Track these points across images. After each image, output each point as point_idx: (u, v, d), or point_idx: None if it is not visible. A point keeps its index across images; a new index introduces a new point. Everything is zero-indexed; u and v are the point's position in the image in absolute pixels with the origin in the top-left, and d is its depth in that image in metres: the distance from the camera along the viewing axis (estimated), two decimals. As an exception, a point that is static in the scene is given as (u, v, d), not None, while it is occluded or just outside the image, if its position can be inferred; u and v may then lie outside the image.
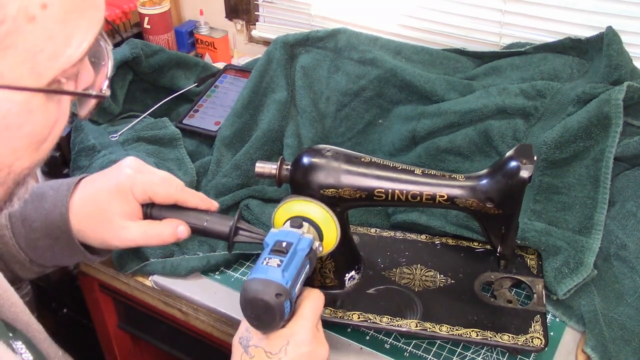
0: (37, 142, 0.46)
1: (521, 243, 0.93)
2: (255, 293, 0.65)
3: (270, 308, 0.64)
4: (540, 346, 0.80)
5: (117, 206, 0.72)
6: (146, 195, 0.73)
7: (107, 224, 0.72)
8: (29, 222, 0.72)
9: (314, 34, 1.23)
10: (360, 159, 0.79)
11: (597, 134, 0.99)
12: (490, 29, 1.27)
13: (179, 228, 0.74)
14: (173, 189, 0.75)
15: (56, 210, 0.72)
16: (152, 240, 0.73)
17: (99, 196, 0.73)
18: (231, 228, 0.74)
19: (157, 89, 1.30)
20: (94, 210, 0.72)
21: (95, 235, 0.73)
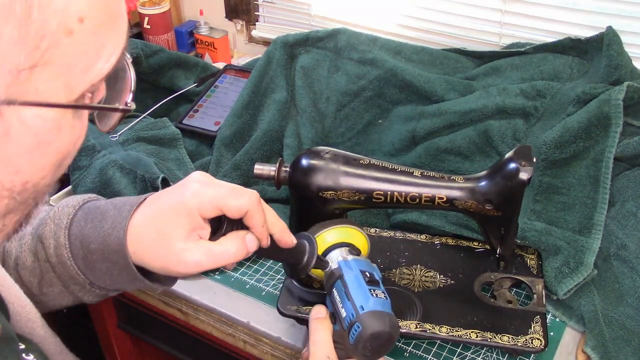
0: (62, 159, 0.45)
1: (521, 243, 0.93)
2: (381, 327, 0.66)
3: (392, 338, 0.67)
4: (540, 347, 0.80)
5: (180, 227, 0.63)
6: (217, 209, 0.64)
7: (168, 248, 0.63)
8: (87, 243, 0.66)
9: (314, 34, 1.23)
10: (359, 160, 0.79)
11: (597, 134, 0.99)
12: (490, 29, 1.27)
13: (247, 237, 0.65)
14: (246, 202, 0.65)
15: (114, 233, 0.65)
16: (220, 259, 0.64)
17: (160, 216, 0.65)
18: (311, 253, 0.70)
19: (157, 89, 1.30)
20: (154, 233, 0.64)
21: (156, 261, 0.64)
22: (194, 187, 0.64)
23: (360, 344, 0.66)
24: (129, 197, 0.70)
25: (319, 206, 0.80)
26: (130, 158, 1.05)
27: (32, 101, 0.39)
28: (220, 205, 0.64)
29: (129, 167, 1.03)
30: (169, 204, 0.64)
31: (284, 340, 0.87)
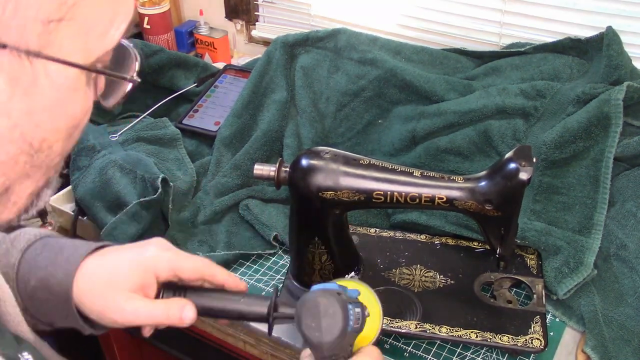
0: (74, 127, 0.46)
1: (521, 243, 0.93)
2: (314, 296, 0.61)
3: (334, 305, 0.60)
4: (540, 347, 0.80)
5: (131, 280, 0.65)
6: (172, 272, 0.67)
7: (112, 295, 0.64)
8: (36, 269, 0.66)
9: (314, 34, 1.23)
10: (358, 161, 0.79)
11: (597, 134, 0.99)
12: (490, 29, 1.27)
13: (185, 308, 0.65)
14: (200, 263, 0.68)
15: (66, 266, 0.65)
16: (156, 319, 0.65)
17: (116, 264, 0.67)
18: (269, 307, 0.67)
19: (157, 89, 1.30)
20: (104, 278, 0.65)
21: (95, 305, 0.65)
22: (153, 249, 0.68)
23: (302, 324, 0.61)
24: (89, 242, 0.70)
25: (318, 206, 0.80)
26: (130, 158, 1.05)
27: (57, 57, 0.41)
28: (176, 267, 0.67)
29: (129, 167, 1.03)
30: (127, 258, 0.67)
31: (284, 341, 0.87)
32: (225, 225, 1.04)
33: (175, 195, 1.02)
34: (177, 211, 1.03)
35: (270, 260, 0.99)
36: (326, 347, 0.60)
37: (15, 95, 0.41)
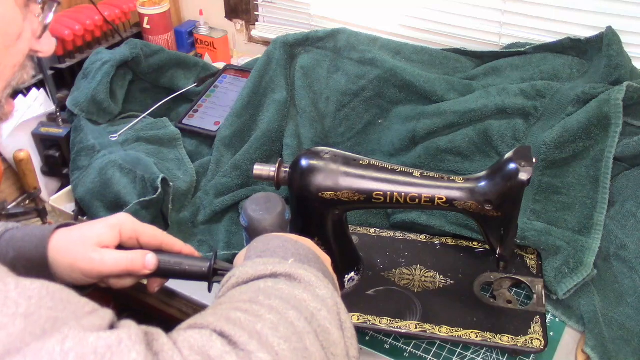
0: (7, 37, 0.51)
1: (521, 243, 0.93)
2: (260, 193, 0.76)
3: (275, 197, 0.74)
4: (540, 347, 0.80)
5: (98, 233, 0.72)
6: (134, 233, 0.74)
7: (82, 247, 0.71)
8: (12, 243, 0.72)
9: (314, 34, 1.23)
10: (358, 161, 0.79)
11: (597, 134, 0.99)
12: (490, 29, 1.27)
13: (147, 255, 0.73)
14: (159, 232, 0.76)
15: (40, 235, 0.72)
16: (121, 264, 0.72)
17: (84, 226, 0.74)
18: (209, 269, 0.74)
19: (157, 89, 1.30)
20: (76, 236, 0.72)
21: (65, 258, 0.71)
22: (120, 215, 0.75)
23: None
24: None
25: (318, 206, 0.80)
26: (130, 158, 1.05)
27: None
28: (138, 229, 0.74)
29: (128, 167, 1.03)
30: (96, 222, 0.74)
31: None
32: (225, 225, 1.04)
33: (175, 195, 1.02)
34: (177, 211, 1.03)
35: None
36: (268, 223, 0.71)
37: None
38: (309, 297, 0.54)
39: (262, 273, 0.58)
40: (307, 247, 0.65)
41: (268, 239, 0.65)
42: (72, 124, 1.16)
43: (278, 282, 0.56)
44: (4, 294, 0.40)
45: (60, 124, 1.16)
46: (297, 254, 0.63)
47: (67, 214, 1.05)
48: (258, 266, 0.58)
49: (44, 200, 1.09)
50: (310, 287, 0.56)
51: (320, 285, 0.57)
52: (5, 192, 1.11)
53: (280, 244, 0.64)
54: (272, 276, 0.58)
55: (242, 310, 0.50)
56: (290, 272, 0.57)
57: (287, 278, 0.57)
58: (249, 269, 0.58)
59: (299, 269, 0.58)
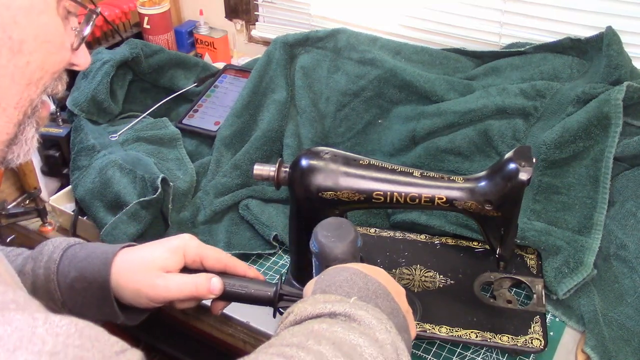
0: (49, 42, 0.53)
1: (521, 242, 0.93)
2: (329, 219, 0.72)
3: (346, 223, 0.71)
4: (540, 347, 0.80)
5: (162, 258, 0.72)
6: (198, 257, 0.74)
7: (145, 272, 0.71)
8: (75, 263, 0.73)
9: (314, 34, 1.23)
10: (358, 161, 0.79)
11: (597, 134, 0.99)
12: (490, 29, 1.27)
13: (212, 279, 0.73)
14: (224, 255, 0.76)
15: (102, 256, 0.72)
16: (186, 290, 0.72)
17: (147, 248, 0.74)
18: (275, 294, 0.74)
19: (157, 89, 1.30)
20: (139, 260, 0.72)
21: (129, 283, 0.71)
22: (183, 236, 0.76)
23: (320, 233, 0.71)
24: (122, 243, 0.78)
25: (318, 206, 0.80)
26: (130, 158, 1.05)
27: None
28: (202, 253, 0.75)
29: (128, 167, 1.03)
30: (159, 244, 0.74)
31: (283, 341, 0.86)
32: (225, 225, 1.04)
33: (175, 195, 1.02)
34: (177, 211, 1.03)
35: (270, 260, 0.99)
36: (340, 251, 0.69)
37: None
38: (365, 342, 0.51)
39: (320, 312, 0.56)
40: (376, 281, 0.62)
41: (336, 271, 0.63)
42: (72, 123, 1.16)
43: (334, 324, 0.53)
44: (31, 329, 0.40)
45: (60, 123, 1.16)
46: (364, 288, 0.60)
47: (67, 213, 1.05)
48: (318, 304, 0.56)
49: (44, 200, 1.09)
50: (370, 330, 0.53)
51: (381, 329, 0.54)
52: (5, 192, 1.11)
53: (348, 277, 0.61)
54: (330, 315, 0.55)
55: (286, 357, 0.48)
56: (349, 313, 0.55)
57: (345, 319, 0.55)
58: (308, 306, 0.56)
59: (360, 309, 0.55)
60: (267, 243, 1.00)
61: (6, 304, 0.41)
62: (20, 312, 0.40)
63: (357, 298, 0.58)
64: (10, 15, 0.50)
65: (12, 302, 0.41)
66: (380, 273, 0.65)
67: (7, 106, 0.52)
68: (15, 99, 0.53)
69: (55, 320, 0.41)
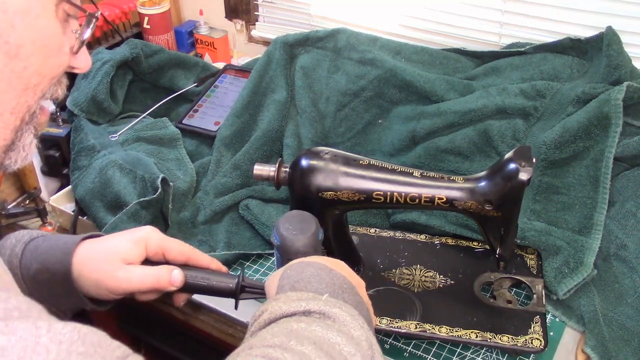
0: (47, 47, 0.53)
1: (521, 243, 0.93)
2: (293, 212, 0.74)
3: (309, 217, 0.73)
4: (540, 347, 0.80)
5: (124, 249, 0.72)
6: (160, 249, 0.74)
7: (106, 263, 0.71)
8: (36, 256, 0.72)
9: (314, 34, 1.23)
10: (358, 161, 0.79)
11: (597, 134, 0.99)
12: (490, 29, 1.27)
13: (173, 272, 0.72)
14: (186, 247, 0.76)
15: (63, 247, 0.72)
16: (147, 282, 0.71)
17: (109, 240, 0.74)
18: (237, 285, 0.74)
19: (157, 89, 1.30)
20: (101, 251, 0.72)
21: (90, 273, 0.71)
22: (145, 228, 0.75)
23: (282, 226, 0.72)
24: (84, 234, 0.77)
25: (318, 206, 0.80)
26: (130, 158, 1.05)
27: None
28: (165, 245, 0.74)
29: (128, 167, 1.03)
30: (121, 236, 0.74)
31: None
32: (225, 225, 1.04)
33: (175, 195, 1.02)
34: (177, 211, 1.03)
35: (270, 260, 0.99)
36: (301, 244, 0.70)
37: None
38: (342, 340, 0.52)
39: (295, 310, 0.56)
40: (341, 275, 0.63)
41: (302, 267, 0.64)
42: (72, 123, 1.16)
43: (312, 323, 0.54)
44: (35, 338, 0.40)
45: (60, 123, 1.16)
46: (331, 284, 0.61)
47: (67, 213, 1.05)
48: (291, 302, 0.57)
49: (44, 200, 1.09)
50: (345, 328, 0.54)
51: (355, 326, 0.55)
52: (5, 192, 1.11)
53: (315, 272, 0.62)
54: (305, 313, 0.56)
55: (270, 359, 0.49)
56: (324, 310, 0.56)
57: (320, 316, 0.56)
58: (282, 304, 0.57)
59: (334, 307, 0.56)
60: (267, 243, 1.00)
61: (9, 312, 0.41)
62: (23, 321, 0.40)
63: (328, 295, 0.59)
64: (6, 19, 0.49)
65: (15, 309, 0.41)
66: (341, 265, 0.66)
67: (3, 111, 0.52)
68: (12, 104, 0.52)
69: (58, 328, 0.41)
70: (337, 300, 0.58)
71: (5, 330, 0.39)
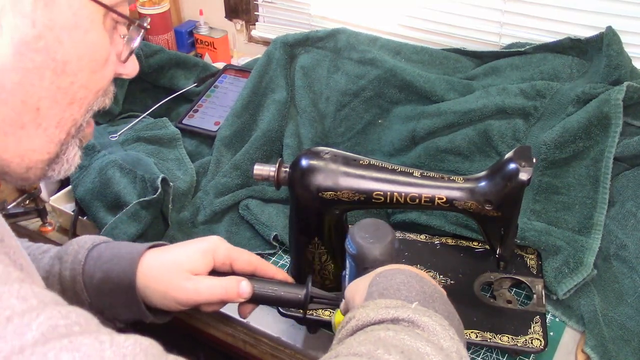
0: (95, 61, 0.52)
1: (521, 243, 0.93)
2: (367, 220, 0.73)
3: (384, 225, 0.72)
4: (540, 347, 0.80)
5: (191, 260, 0.71)
6: (228, 260, 0.73)
7: (175, 274, 0.70)
8: (100, 264, 0.71)
9: (314, 34, 1.23)
10: (358, 161, 0.79)
11: (597, 134, 0.99)
12: (490, 29, 1.27)
13: (241, 283, 0.72)
14: (254, 257, 0.75)
15: (128, 257, 0.71)
16: (216, 293, 0.70)
17: (175, 250, 0.73)
18: (305, 296, 0.74)
19: (157, 89, 1.30)
20: (167, 262, 0.71)
21: (157, 285, 0.70)
22: (213, 238, 0.74)
23: (358, 235, 0.71)
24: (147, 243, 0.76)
25: (318, 206, 0.80)
26: (130, 158, 1.05)
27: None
28: (232, 255, 0.74)
29: (128, 167, 1.03)
30: (187, 246, 0.73)
31: (283, 341, 0.87)
32: (225, 225, 1.04)
33: (175, 195, 1.02)
34: (177, 211, 1.03)
35: (270, 260, 0.99)
36: (378, 252, 0.69)
37: (38, 7, 0.47)
38: (432, 351, 0.50)
39: (383, 317, 0.54)
40: (432, 284, 0.61)
41: (391, 274, 0.61)
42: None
43: (400, 331, 0.52)
44: (99, 353, 0.39)
45: (60, 124, 1.16)
46: (421, 292, 0.59)
47: (67, 213, 1.05)
48: (379, 309, 0.55)
49: (44, 200, 1.09)
50: (434, 338, 0.52)
51: (445, 336, 0.53)
52: (5, 192, 1.11)
53: (405, 279, 0.60)
54: (393, 321, 0.54)
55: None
56: (413, 319, 0.54)
57: (409, 325, 0.54)
58: (370, 312, 0.55)
59: (423, 315, 0.54)
60: (267, 243, 1.00)
61: (71, 328, 0.40)
62: (86, 336, 0.40)
63: (418, 303, 0.57)
64: (54, 35, 0.48)
65: (76, 324, 0.41)
66: (426, 275, 0.64)
67: (48, 126, 0.51)
68: (57, 119, 0.52)
69: (120, 341, 0.41)
70: (426, 309, 0.56)
71: (69, 347, 0.38)
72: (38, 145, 0.52)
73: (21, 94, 0.49)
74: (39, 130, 0.51)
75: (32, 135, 0.51)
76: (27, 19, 0.47)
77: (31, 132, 0.51)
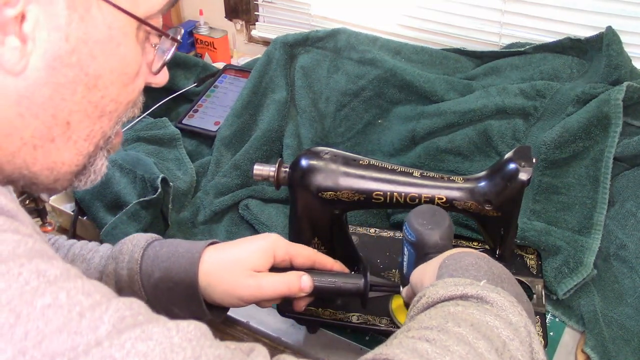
0: (126, 75, 0.52)
1: (521, 243, 0.93)
2: (423, 206, 0.75)
3: (440, 211, 0.73)
4: (540, 347, 0.80)
5: (252, 258, 0.72)
6: (287, 256, 0.74)
7: (237, 272, 0.71)
8: (157, 263, 0.72)
9: (314, 34, 1.23)
10: (358, 161, 0.79)
11: (597, 134, 0.99)
12: (490, 29, 1.27)
13: (302, 278, 0.73)
14: (312, 252, 0.76)
15: (187, 255, 0.72)
16: (278, 289, 0.71)
17: (235, 248, 0.74)
18: (365, 285, 0.75)
19: (157, 89, 1.28)
20: (228, 259, 0.72)
21: (221, 284, 0.71)
22: (272, 235, 0.75)
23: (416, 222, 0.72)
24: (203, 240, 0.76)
25: (318, 206, 0.80)
26: (130, 158, 1.05)
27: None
28: (292, 252, 0.75)
29: (128, 167, 1.03)
30: (247, 243, 0.74)
31: (284, 340, 0.87)
32: (225, 225, 1.04)
33: (175, 195, 1.02)
34: (176, 211, 1.03)
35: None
36: (439, 237, 0.70)
37: (73, 20, 0.46)
38: (501, 325, 0.51)
39: (452, 294, 0.55)
40: (500, 265, 0.62)
41: (460, 256, 0.62)
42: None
43: (469, 307, 0.53)
44: (169, 340, 0.40)
45: (60, 124, 1.16)
46: (490, 272, 0.60)
47: (67, 213, 1.05)
48: (449, 286, 0.56)
49: (43, 200, 1.09)
50: (503, 313, 0.53)
51: (514, 311, 0.53)
52: (5, 192, 1.11)
53: (473, 261, 0.61)
54: (462, 297, 0.55)
55: (429, 341, 0.48)
56: (482, 295, 0.55)
57: (478, 301, 0.55)
58: (440, 289, 0.56)
59: (492, 292, 0.55)
60: (267, 243, 1.00)
61: (136, 318, 0.41)
62: (154, 324, 0.41)
63: (486, 281, 0.58)
64: (87, 50, 0.48)
65: (139, 314, 0.41)
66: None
67: (77, 139, 0.51)
68: (86, 132, 0.52)
69: (185, 326, 0.42)
70: (494, 286, 0.57)
71: (142, 336, 0.39)
72: (67, 158, 0.52)
73: (52, 108, 0.48)
74: (69, 144, 0.51)
75: (61, 149, 0.51)
76: (61, 33, 0.46)
77: (61, 145, 0.51)
